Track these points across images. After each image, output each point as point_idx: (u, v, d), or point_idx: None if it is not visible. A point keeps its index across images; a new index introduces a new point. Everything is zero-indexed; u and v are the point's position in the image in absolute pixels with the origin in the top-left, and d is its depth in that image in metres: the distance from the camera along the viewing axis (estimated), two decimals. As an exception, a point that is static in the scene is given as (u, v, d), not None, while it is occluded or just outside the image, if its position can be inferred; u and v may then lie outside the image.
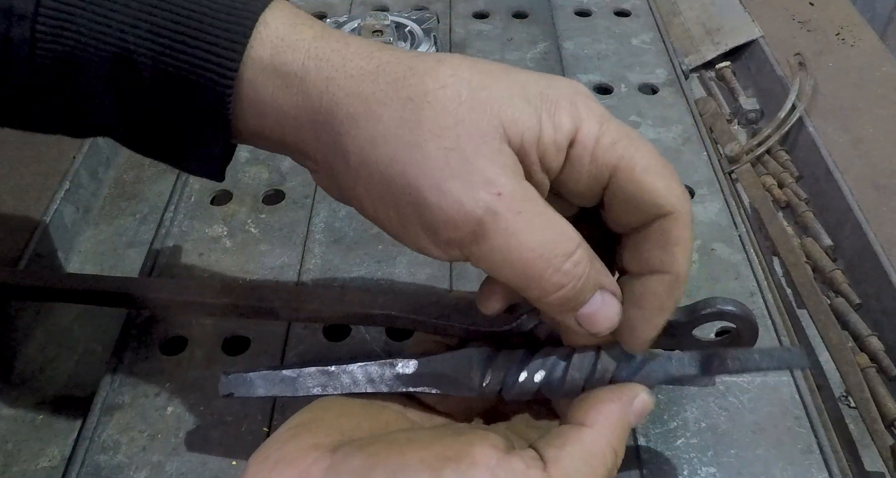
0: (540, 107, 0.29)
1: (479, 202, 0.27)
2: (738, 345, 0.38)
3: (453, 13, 0.73)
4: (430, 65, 0.29)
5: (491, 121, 0.28)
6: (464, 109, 0.28)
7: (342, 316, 0.42)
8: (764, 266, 0.51)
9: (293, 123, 0.30)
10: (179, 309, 0.45)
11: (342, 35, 0.31)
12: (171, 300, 0.42)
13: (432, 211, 0.28)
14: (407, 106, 0.28)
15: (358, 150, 0.29)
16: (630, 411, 0.31)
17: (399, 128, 0.28)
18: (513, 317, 0.39)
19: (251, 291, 0.41)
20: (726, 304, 0.37)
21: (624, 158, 0.29)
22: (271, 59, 0.29)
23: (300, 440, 0.29)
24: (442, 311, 0.41)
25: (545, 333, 0.39)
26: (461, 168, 0.27)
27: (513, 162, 0.28)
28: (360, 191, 0.30)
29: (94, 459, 0.39)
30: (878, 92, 0.63)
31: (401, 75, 0.29)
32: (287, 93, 0.30)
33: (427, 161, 0.28)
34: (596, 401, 0.31)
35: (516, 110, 0.28)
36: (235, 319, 0.46)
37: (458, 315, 0.40)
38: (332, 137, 0.29)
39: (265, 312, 0.42)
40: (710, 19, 0.75)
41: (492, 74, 0.29)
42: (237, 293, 0.41)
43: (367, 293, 0.43)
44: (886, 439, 0.43)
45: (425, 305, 0.41)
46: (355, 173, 0.29)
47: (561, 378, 0.33)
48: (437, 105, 0.28)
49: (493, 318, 0.39)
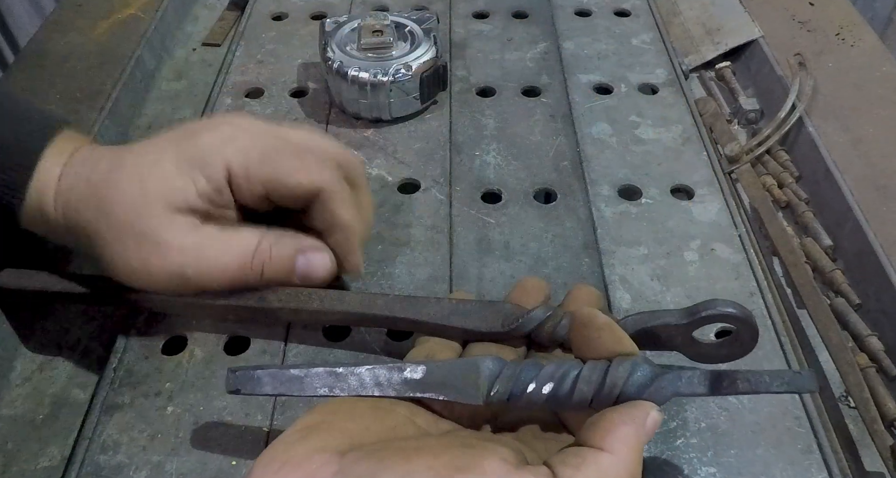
0: (189, 171, 0.39)
1: (173, 262, 0.39)
2: (738, 346, 0.38)
3: (453, 13, 0.73)
4: (122, 160, 0.40)
5: (159, 205, 0.39)
6: (143, 210, 0.39)
7: (342, 317, 0.43)
8: (764, 266, 0.51)
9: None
10: (179, 310, 0.45)
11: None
12: (171, 301, 0.42)
13: (147, 282, 0.40)
14: (109, 218, 0.39)
15: (88, 242, 0.40)
16: (644, 432, 0.31)
17: (110, 232, 0.39)
18: (512, 319, 0.39)
19: (251, 292, 0.41)
20: (726, 306, 0.37)
21: (274, 169, 0.40)
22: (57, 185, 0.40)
23: (308, 442, 0.29)
24: (441, 312, 0.41)
25: (545, 336, 0.39)
26: (151, 249, 0.39)
27: (186, 222, 0.39)
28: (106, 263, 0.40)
29: (94, 459, 0.39)
30: (878, 92, 0.63)
31: (103, 201, 0.39)
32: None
33: (129, 253, 0.39)
34: (611, 424, 0.31)
35: (174, 189, 0.39)
36: (235, 320, 0.46)
37: (457, 317, 0.40)
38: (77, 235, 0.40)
39: (265, 313, 0.42)
40: (710, 19, 0.75)
41: (157, 159, 0.40)
42: (237, 294, 0.41)
43: (366, 295, 0.43)
44: (886, 439, 0.43)
45: (425, 307, 0.41)
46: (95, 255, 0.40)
47: (569, 391, 0.33)
48: (121, 208, 0.39)
49: (492, 320, 0.40)
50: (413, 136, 0.60)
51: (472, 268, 0.49)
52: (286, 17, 0.74)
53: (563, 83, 0.65)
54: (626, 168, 0.56)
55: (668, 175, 0.56)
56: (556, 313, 0.39)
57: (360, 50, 0.60)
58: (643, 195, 0.54)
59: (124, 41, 0.68)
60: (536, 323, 0.39)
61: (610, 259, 0.50)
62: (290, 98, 0.64)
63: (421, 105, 0.61)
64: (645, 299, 0.47)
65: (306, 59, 0.68)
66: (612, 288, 0.48)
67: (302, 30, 0.72)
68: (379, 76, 0.57)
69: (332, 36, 0.61)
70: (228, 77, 0.65)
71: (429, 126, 0.61)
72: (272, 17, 0.74)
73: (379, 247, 0.51)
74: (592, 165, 0.57)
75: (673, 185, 0.55)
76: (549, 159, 0.57)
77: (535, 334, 0.40)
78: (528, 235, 0.52)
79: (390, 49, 0.60)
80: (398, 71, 0.58)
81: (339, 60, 0.59)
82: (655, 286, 0.48)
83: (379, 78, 0.57)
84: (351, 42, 0.61)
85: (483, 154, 0.58)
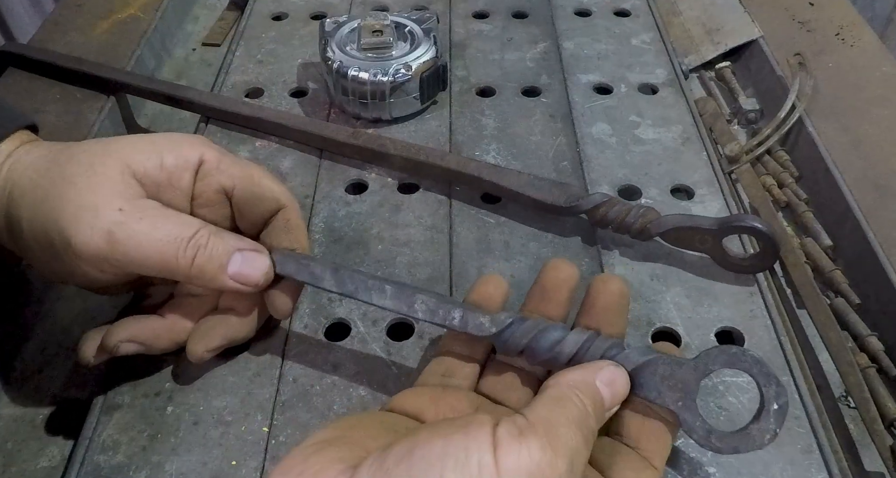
0: (163, 147, 0.40)
1: (105, 219, 0.37)
2: (761, 260, 0.46)
3: (453, 13, 0.73)
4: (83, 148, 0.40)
5: (116, 164, 0.38)
6: (96, 159, 0.38)
7: (442, 172, 0.54)
8: (764, 266, 0.51)
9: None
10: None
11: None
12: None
13: (75, 239, 0.37)
14: (54, 170, 0.38)
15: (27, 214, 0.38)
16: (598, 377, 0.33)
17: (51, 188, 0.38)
18: (575, 197, 0.49)
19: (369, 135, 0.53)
20: (754, 221, 0.45)
21: (244, 170, 0.41)
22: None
23: (324, 454, 0.29)
24: (519, 182, 0.50)
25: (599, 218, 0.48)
26: (90, 201, 0.37)
27: (135, 188, 0.38)
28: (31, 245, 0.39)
29: (94, 459, 0.39)
30: (878, 92, 0.63)
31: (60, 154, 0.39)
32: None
33: (66, 204, 0.37)
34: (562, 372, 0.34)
35: (139, 152, 0.39)
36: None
37: (530, 188, 0.50)
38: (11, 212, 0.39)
39: (382, 156, 0.55)
40: (709, 19, 0.75)
41: (128, 138, 0.41)
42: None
43: (462, 157, 0.54)
44: (886, 439, 0.43)
45: (507, 176, 0.51)
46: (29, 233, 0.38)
47: (552, 345, 0.35)
48: (74, 161, 0.38)
49: (558, 195, 0.50)
50: (413, 136, 0.60)
51: (472, 268, 0.49)
52: (286, 17, 0.74)
53: (563, 83, 0.65)
54: (626, 168, 0.56)
55: (668, 175, 0.56)
56: (613, 200, 0.49)
57: (360, 50, 0.60)
58: (643, 195, 0.54)
59: (124, 41, 0.68)
60: (595, 204, 0.48)
61: (610, 259, 0.50)
62: (290, 98, 0.64)
63: (421, 105, 0.61)
64: (645, 299, 0.47)
65: (306, 59, 0.68)
66: (612, 288, 0.48)
67: (302, 30, 0.72)
68: (379, 76, 0.57)
69: (332, 36, 0.61)
70: (228, 77, 0.65)
71: (429, 126, 0.61)
72: (272, 17, 0.74)
73: (379, 247, 0.51)
74: (592, 165, 0.57)
75: (673, 185, 0.55)
76: (549, 159, 0.57)
77: (591, 215, 0.49)
78: (528, 235, 0.52)
79: (390, 49, 0.60)
80: (398, 71, 0.58)
81: (339, 60, 0.59)
82: (655, 286, 0.48)
83: (379, 78, 0.57)
84: (351, 42, 0.61)
85: (483, 154, 0.58)
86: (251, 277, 0.40)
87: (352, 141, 0.56)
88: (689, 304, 0.47)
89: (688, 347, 0.44)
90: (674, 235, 0.48)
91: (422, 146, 0.55)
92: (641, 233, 0.48)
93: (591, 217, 0.49)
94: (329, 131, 0.57)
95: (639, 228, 0.48)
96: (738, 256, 0.48)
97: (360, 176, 0.56)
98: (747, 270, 0.48)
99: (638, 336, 0.45)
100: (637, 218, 0.48)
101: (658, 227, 0.48)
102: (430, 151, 0.54)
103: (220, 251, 0.39)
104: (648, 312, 0.46)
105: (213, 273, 0.39)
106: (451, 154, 0.55)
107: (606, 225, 0.49)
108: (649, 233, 0.48)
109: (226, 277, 0.39)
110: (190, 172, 0.40)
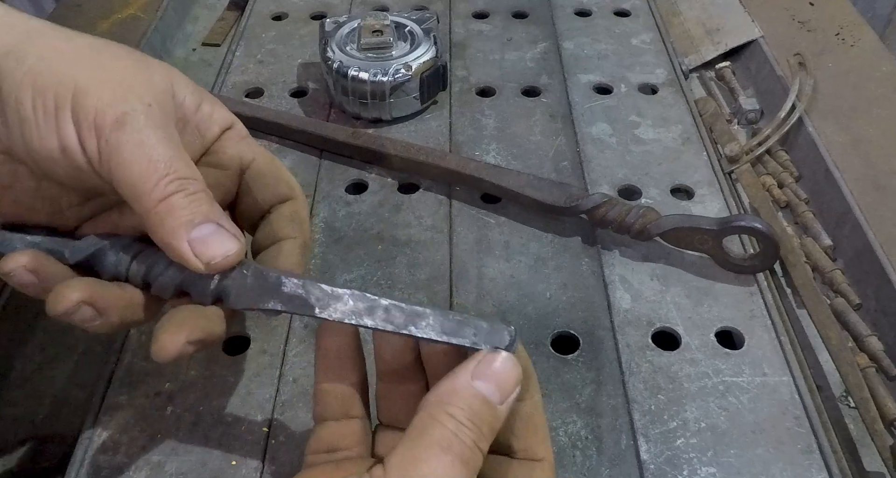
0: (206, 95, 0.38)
1: (131, 102, 0.33)
2: (761, 260, 0.47)
3: (453, 13, 0.73)
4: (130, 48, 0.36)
5: (165, 73, 0.35)
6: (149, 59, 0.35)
7: (442, 172, 0.54)
8: (764, 266, 0.51)
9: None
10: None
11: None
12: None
13: (85, 101, 0.32)
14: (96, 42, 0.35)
15: (34, 59, 0.33)
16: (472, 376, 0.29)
17: (89, 52, 0.34)
18: (574, 198, 0.49)
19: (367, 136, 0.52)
20: (754, 221, 0.46)
21: (261, 151, 0.39)
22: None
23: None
24: (519, 182, 0.51)
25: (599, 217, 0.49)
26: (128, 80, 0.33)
27: (169, 106, 0.35)
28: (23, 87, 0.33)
29: (94, 459, 0.39)
30: (877, 92, 0.63)
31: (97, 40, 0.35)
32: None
33: (99, 72, 0.33)
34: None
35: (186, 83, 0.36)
36: (236, 319, 0.46)
37: (530, 189, 0.51)
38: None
39: (381, 156, 0.55)
40: (710, 19, 0.75)
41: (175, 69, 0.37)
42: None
43: (462, 157, 0.54)
44: (886, 439, 0.43)
45: (506, 176, 0.52)
46: (22, 74, 0.32)
47: (150, 269, 0.34)
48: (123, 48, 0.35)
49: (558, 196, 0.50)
50: (413, 136, 0.60)
51: (472, 268, 0.49)
52: (286, 17, 0.74)
53: (563, 83, 0.65)
54: (626, 168, 0.56)
55: (668, 175, 0.56)
56: (613, 200, 0.49)
57: (360, 50, 0.60)
58: (643, 195, 0.54)
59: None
60: (595, 204, 0.49)
61: (610, 259, 0.50)
62: (290, 98, 0.64)
63: (421, 105, 0.61)
64: (645, 299, 0.47)
65: (306, 59, 0.68)
66: (612, 288, 0.48)
67: (302, 30, 0.72)
68: (379, 76, 0.57)
69: (332, 36, 0.61)
70: (228, 77, 0.65)
71: (429, 126, 0.61)
72: (272, 17, 0.74)
73: (379, 247, 0.51)
74: (592, 165, 0.57)
75: (673, 185, 0.55)
76: (549, 159, 0.57)
77: (591, 216, 0.49)
78: (528, 235, 0.52)
79: (390, 49, 0.60)
80: (398, 71, 0.58)
81: (339, 60, 0.59)
82: (655, 286, 0.48)
83: (379, 78, 0.57)
84: (351, 42, 0.61)
85: (483, 154, 0.58)
86: (210, 251, 0.33)
87: (352, 141, 0.56)
88: (689, 304, 0.47)
89: (688, 348, 0.44)
90: (674, 235, 0.48)
91: (422, 146, 0.55)
92: (641, 233, 0.48)
93: (591, 217, 0.50)
94: (329, 131, 0.57)
95: (639, 228, 0.48)
96: (739, 257, 0.48)
97: (360, 176, 0.56)
98: (747, 271, 0.48)
99: (638, 336, 0.45)
100: (637, 218, 0.48)
101: (658, 227, 0.48)
102: (430, 151, 0.55)
103: (198, 209, 0.33)
104: (648, 312, 0.46)
105: (175, 225, 0.33)
106: (451, 154, 0.55)
107: (606, 225, 0.49)
108: (649, 233, 0.48)
109: (183, 236, 0.33)
110: (219, 127, 0.38)
